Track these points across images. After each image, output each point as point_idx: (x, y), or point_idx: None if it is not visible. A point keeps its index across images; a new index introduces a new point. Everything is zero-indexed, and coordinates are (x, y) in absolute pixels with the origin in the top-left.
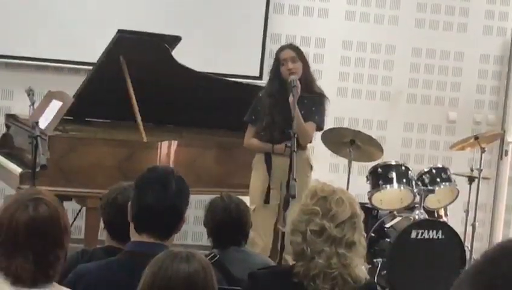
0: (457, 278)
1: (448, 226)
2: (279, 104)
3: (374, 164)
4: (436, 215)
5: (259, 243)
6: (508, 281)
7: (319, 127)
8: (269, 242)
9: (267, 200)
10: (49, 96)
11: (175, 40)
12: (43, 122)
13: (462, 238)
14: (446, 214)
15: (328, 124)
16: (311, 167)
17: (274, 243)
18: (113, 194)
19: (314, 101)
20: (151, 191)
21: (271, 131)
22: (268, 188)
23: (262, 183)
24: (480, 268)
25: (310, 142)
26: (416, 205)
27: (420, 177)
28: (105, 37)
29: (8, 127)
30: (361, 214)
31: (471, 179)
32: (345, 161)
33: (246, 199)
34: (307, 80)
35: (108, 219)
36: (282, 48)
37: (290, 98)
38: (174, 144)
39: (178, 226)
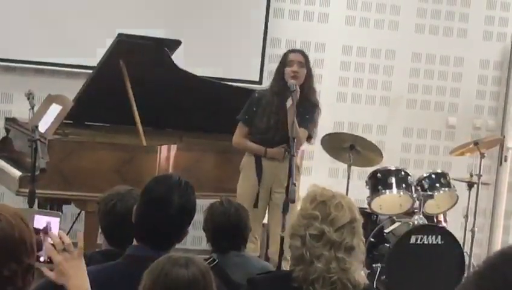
0: (460, 284)
1: (448, 231)
2: (283, 104)
3: (373, 169)
4: (435, 220)
5: (250, 246)
6: (510, 286)
7: (309, 136)
8: (258, 244)
9: (256, 205)
10: (49, 100)
11: (175, 44)
12: (43, 126)
13: (461, 243)
14: (445, 220)
15: (328, 128)
16: (299, 171)
17: (263, 247)
18: (111, 201)
19: (308, 110)
20: (152, 205)
21: (275, 132)
22: (258, 192)
23: (251, 187)
24: (483, 274)
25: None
26: (415, 210)
27: (419, 182)
28: (105, 40)
29: (7, 130)
30: (360, 219)
31: (470, 185)
32: (345, 166)
33: None
34: (307, 88)
35: (106, 226)
36: (293, 50)
37: (288, 103)
38: (174, 148)
39: (178, 239)
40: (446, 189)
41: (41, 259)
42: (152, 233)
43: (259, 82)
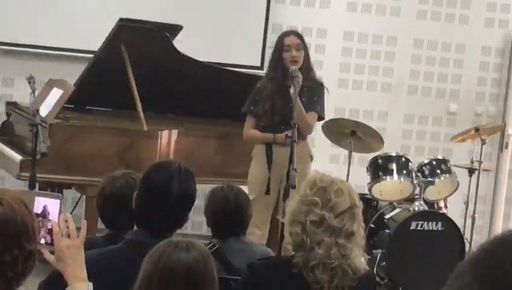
0: (455, 271)
1: (448, 218)
2: (281, 89)
3: (374, 155)
4: (435, 207)
5: (256, 232)
6: (507, 271)
7: (321, 117)
8: (266, 232)
9: (268, 191)
10: (50, 84)
11: (176, 29)
12: (44, 110)
13: (461, 230)
14: (446, 206)
15: (329, 114)
16: (312, 158)
17: (272, 233)
18: (102, 185)
19: (314, 91)
20: (152, 193)
21: (272, 115)
22: (269, 179)
23: (262, 174)
24: (479, 259)
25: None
26: (416, 197)
27: (420, 168)
28: (106, 25)
29: (8, 114)
30: (360, 205)
31: (471, 171)
32: (345, 152)
33: (246, 189)
34: (308, 68)
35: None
36: (287, 34)
37: (292, 90)
38: (175, 133)
39: (178, 225)
40: (447, 175)
41: (42, 241)
42: (152, 220)
43: (261, 67)
